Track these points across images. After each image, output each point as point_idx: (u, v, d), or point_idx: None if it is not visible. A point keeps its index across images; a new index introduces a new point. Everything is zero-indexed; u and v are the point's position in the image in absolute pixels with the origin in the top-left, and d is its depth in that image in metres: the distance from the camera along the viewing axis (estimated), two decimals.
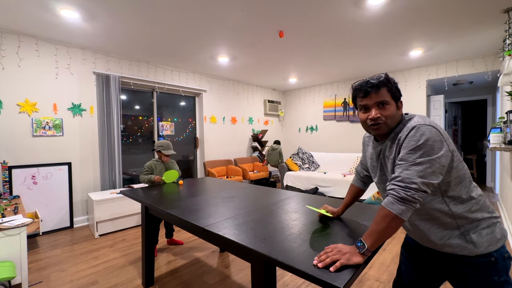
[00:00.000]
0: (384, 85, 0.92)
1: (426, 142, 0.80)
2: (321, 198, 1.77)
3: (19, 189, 3.06)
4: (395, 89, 0.93)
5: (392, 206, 0.80)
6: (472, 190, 0.89)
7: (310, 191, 4.66)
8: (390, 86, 0.92)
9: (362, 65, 4.73)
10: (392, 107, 0.92)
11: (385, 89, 0.92)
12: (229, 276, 2.21)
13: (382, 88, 0.91)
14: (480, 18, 2.86)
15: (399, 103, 0.95)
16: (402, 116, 0.96)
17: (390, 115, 0.91)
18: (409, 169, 0.81)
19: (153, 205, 1.73)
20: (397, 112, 0.93)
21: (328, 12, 2.69)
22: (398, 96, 0.94)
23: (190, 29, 3.06)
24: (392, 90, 0.92)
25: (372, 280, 2.13)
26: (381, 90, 0.91)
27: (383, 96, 0.91)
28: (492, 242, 0.87)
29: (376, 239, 0.83)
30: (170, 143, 2.66)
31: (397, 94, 0.94)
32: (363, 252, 0.84)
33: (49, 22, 2.82)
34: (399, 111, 0.94)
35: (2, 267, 1.72)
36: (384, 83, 0.92)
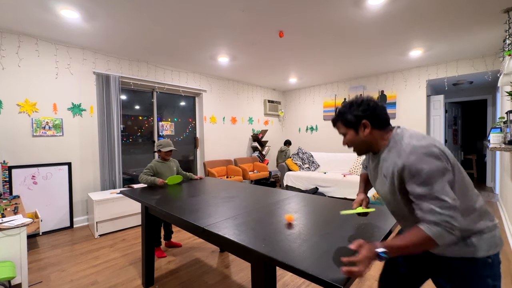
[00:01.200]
0: (337, 121, 1.05)
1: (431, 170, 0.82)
2: (327, 199, 1.77)
3: (19, 189, 3.06)
4: (350, 118, 0.99)
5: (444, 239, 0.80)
6: (476, 201, 0.91)
7: (310, 191, 4.66)
8: (342, 118, 1.02)
9: (362, 65, 4.73)
10: (349, 136, 1.02)
11: (339, 123, 1.04)
12: (229, 276, 2.21)
13: (337, 123, 1.05)
14: (480, 18, 2.86)
15: (360, 126, 0.98)
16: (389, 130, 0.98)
17: (350, 141, 1.02)
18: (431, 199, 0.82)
19: (153, 205, 1.73)
20: (359, 136, 0.99)
21: (328, 12, 2.69)
22: (354, 122, 0.98)
23: (190, 29, 3.06)
24: (345, 121, 1.01)
25: (372, 280, 2.13)
26: (337, 125, 1.05)
27: (339, 128, 1.04)
28: (492, 247, 0.90)
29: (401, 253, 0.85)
30: (169, 141, 2.64)
31: (353, 121, 0.98)
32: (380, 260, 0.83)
33: (49, 22, 2.82)
34: (364, 132, 0.98)
35: (2, 267, 1.72)
36: (336, 120, 1.05)
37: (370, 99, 0.99)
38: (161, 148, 2.57)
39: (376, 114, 0.96)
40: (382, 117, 0.97)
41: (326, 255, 0.93)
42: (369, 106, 0.97)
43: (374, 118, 0.96)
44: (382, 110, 0.98)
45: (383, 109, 0.98)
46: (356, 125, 0.98)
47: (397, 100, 5.17)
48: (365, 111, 0.96)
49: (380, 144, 0.99)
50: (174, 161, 2.73)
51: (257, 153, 6.15)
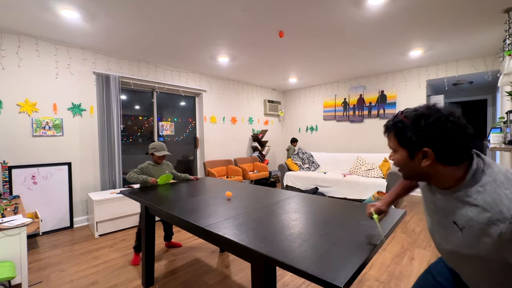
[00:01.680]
0: (389, 131, 0.78)
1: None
2: (327, 199, 1.77)
3: (19, 189, 3.06)
4: (408, 135, 0.71)
5: None
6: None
7: (310, 191, 4.66)
8: (398, 131, 0.74)
9: (362, 65, 4.73)
10: (398, 155, 0.76)
11: (391, 134, 0.77)
12: (229, 276, 2.21)
13: (389, 133, 0.78)
14: (480, 18, 2.86)
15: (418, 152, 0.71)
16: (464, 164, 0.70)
17: (399, 162, 0.77)
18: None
19: (153, 205, 1.73)
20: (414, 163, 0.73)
21: (328, 12, 2.69)
22: (412, 143, 0.71)
23: (190, 29, 3.06)
24: (400, 136, 0.74)
25: (372, 280, 2.13)
26: (389, 134, 0.78)
27: (390, 141, 0.78)
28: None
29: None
30: (163, 144, 2.53)
31: (412, 141, 0.71)
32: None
33: (49, 22, 2.82)
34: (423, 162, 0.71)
35: (2, 267, 1.72)
36: (389, 129, 0.78)
37: (451, 115, 0.68)
38: (155, 151, 2.47)
39: (449, 144, 0.67)
40: (458, 149, 0.67)
41: (326, 255, 0.93)
42: (443, 129, 0.66)
43: (444, 148, 0.67)
44: (462, 139, 0.67)
45: (465, 137, 0.68)
46: (413, 148, 0.71)
47: (397, 100, 5.17)
48: (433, 135, 0.67)
49: (448, 181, 0.71)
50: (167, 164, 2.62)
51: (257, 153, 6.15)
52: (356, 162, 4.90)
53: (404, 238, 2.96)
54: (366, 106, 5.59)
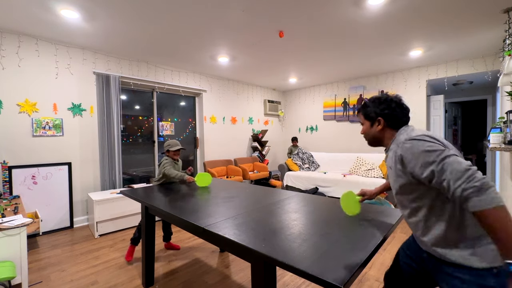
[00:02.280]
0: (359, 111, 1.19)
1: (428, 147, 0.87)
2: (327, 199, 1.77)
3: (19, 189, 3.06)
4: (369, 112, 1.12)
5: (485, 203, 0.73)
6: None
7: (310, 191, 4.66)
8: (364, 111, 1.15)
9: (362, 65, 4.73)
10: (364, 127, 1.16)
11: (361, 113, 1.18)
12: (229, 276, 2.21)
13: (359, 113, 1.20)
14: (480, 18, 2.86)
15: (375, 121, 1.11)
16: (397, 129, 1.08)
17: (364, 131, 1.17)
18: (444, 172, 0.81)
19: (153, 205, 1.73)
20: (372, 129, 1.12)
21: (328, 12, 2.69)
22: (372, 116, 1.11)
23: (190, 29, 3.06)
24: (365, 113, 1.15)
25: (372, 280, 2.13)
26: (359, 114, 1.20)
27: (360, 117, 1.19)
28: (497, 258, 0.85)
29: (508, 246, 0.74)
30: (175, 140, 2.64)
31: (371, 115, 1.11)
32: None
33: (49, 22, 2.82)
34: (377, 127, 1.10)
35: (2, 267, 1.72)
36: (359, 110, 1.19)
37: (394, 100, 1.08)
38: (170, 148, 2.55)
39: (392, 115, 1.07)
40: (397, 119, 1.07)
41: (326, 255, 0.93)
42: (389, 107, 1.08)
43: (389, 118, 1.07)
44: (401, 112, 1.07)
45: (402, 111, 1.07)
46: (372, 119, 1.12)
47: None
48: (383, 110, 1.08)
49: (389, 141, 1.09)
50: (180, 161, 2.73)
51: (257, 153, 6.15)
52: (356, 162, 4.90)
53: (404, 238, 2.96)
54: None
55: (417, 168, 0.88)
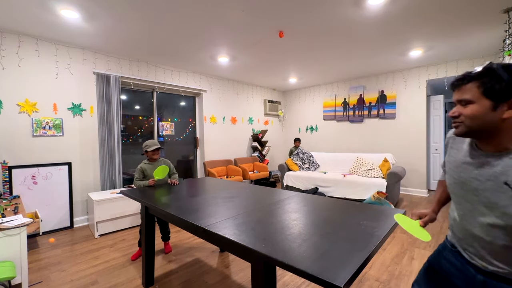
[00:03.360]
0: (471, 80, 0.75)
1: None
2: (327, 199, 1.77)
3: (19, 189, 3.06)
4: (500, 85, 0.70)
5: None
6: None
7: (310, 191, 4.66)
8: (486, 81, 0.72)
9: (362, 65, 4.73)
10: (476, 107, 0.74)
11: (473, 84, 0.75)
12: (229, 276, 2.21)
13: (468, 83, 0.76)
14: (480, 18, 2.86)
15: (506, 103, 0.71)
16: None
17: (473, 114, 0.75)
18: None
19: (153, 205, 1.73)
20: (493, 114, 0.72)
21: (328, 12, 2.69)
22: (502, 93, 0.71)
23: (190, 29, 3.06)
24: (488, 86, 0.72)
25: (372, 280, 2.13)
26: (467, 86, 0.76)
27: (467, 92, 0.76)
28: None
29: None
30: (154, 140, 2.60)
31: (502, 91, 0.70)
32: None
33: (49, 22, 2.82)
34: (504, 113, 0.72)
35: (2, 267, 1.72)
36: (472, 78, 0.75)
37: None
38: (147, 148, 2.53)
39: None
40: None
41: (326, 255, 0.93)
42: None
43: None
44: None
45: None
46: (502, 98, 0.71)
47: (397, 100, 5.17)
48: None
49: (508, 141, 0.74)
50: (164, 161, 2.65)
51: (257, 153, 6.15)
52: (356, 162, 4.90)
53: (404, 238, 2.96)
54: (366, 106, 5.59)
55: None
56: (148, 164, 2.55)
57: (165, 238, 2.74)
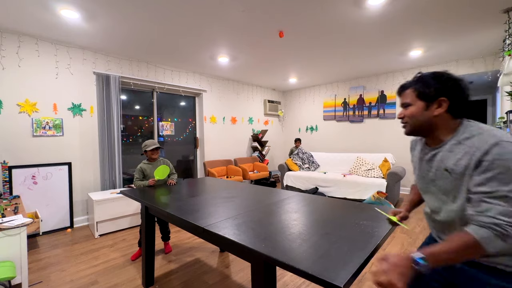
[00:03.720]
0: (408, 87, 0.92)
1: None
2: (327, 199, 1.77)
3: (19, 189, 3.06)
4: (428, 89, 0.85)
5: (490, 243, 0.71)
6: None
7: (310, 191, 4.66)
8: (418, 86, 0.88)
9: (362, 65, 4.73)
10: (413, 108, 0.89)
11: (411, 90, 0.91)
12: (229, 276, 2.21)
13: (407, 89, 0.92)
14: (480, 18, 2.86)
15: (434, 102, 0.85)
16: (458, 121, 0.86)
17: (412, 114, 0.90)
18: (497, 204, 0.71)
19: (153, 205, 1.73)
20: (427, 112, 0.86)
21: (328, 12, 2.69)
22: (431, 95, 0.85)
23: (190, 29, 3.06)
24: (420, 90, 0.87)
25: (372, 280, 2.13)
26: (406, 91, 0.92)
27: (407, 97, 0.92)
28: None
29: (445, 262, 0.75)
30: (153, 140, 2.60)
31: (431, 93, 0.85)
32: (418, 268, 0.73)
33: (49, 22, 2.82)
34: (435, 110, 0.85)
35: (2, 267, 1.72)
36: (409, 85, 0.92)
37: (461, 79, 0.84)
38: (146, 148, 2.55)
39: (460, 97, 0.83)
40: (463, 104, 0.84)
41: (326, 255, 0.93)
42: (458, 86, 0.83)
43: (456, 100, 0.83)
44: (467, 97, 0.84)
45: (468, 97, 0.84)
46: (431, 99, 0.85)
47: (397, 100, 5.17)
48: (451, 89, 0.83)
49: (445, 133, 0.87)
50: (164, 161, 2.65)
51: (257, 153, 6.15)
52: (356, 162, 4.90)
53: (404, 238, 2.96)
54: (366, 106, 5.59)
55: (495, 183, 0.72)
56: (147, 164, 2.57)
57: (165, 238, 2.73)
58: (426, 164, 0.94)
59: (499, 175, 0.72)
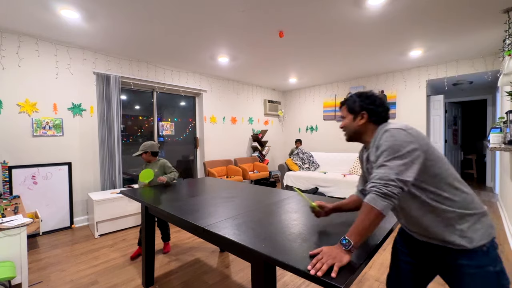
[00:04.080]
0: (343, 104, 1.18)
1: (394, 142, 0.91)
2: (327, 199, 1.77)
3: (19, 189, 3.06)
4: (354, 105, 1.12)
5: (376, 202, 0.86)
6: (458, 187, 0.95)
7: (310, 191, 4.66)
8: (349, 103, 1.14)
9: (362, 65, 4.73)
10: (347, 120, 1.15)
11: (344, 106, 1.16)
12: (229, 276, 2.21)
13: (343, 106, 1.18)
14: (480, 18, 2.86)
15: (359, 115, 1.10)
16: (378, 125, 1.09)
17: (346, 124, 1.15)
18: (384, 168, 0.89)
19: (153, 205, 1.73)
20: (355, 123, 1.12)
21: (328, 12, 2.69)
22: (356, 110, 1.11)
23: (190, 29, 3.06)
24: (349, 106, 1.13)
25: (372, 280, 2.13)
26: (342, 107, 1.18)
27: (343, 111, 1.18)
28: (484, 236, 0.92)
29: (361, 235, 0.87)
30: (144, 143, 2.61)
31: (356, 109, 1.11)
32: (349, 249, 0.86)
33: (49, 22, 2.82)
34: (359, 121, 1.10)
35: (2, 267, 1.72)
36: (343, 102, 1.18)
37: (378, 97, 1.11)
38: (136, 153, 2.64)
39: (377, 111, 1.08)
40: (381, 115, 1.08)
41: None
42: (374, 103, 1.09)
43: (373, 113, 1.08)
44: (384, 110, 1.09)
45: (385, 109, 1.09)
46: (356, 113, 1.11)
47: (397, 100, 5.17)
48: (369, 105, 1.09)
49: (369, 136, 1.10)
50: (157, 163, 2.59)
51: (257, 153, 6.15)
52: (356, 162, 4.90)
53: None
54: None
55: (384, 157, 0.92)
56: (145, 166, 2.63)
57: (166, 238, 2.73)
58: (365, 162, 1.15)
59: (384, 152, 0.92)
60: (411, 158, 0.88)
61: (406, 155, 0.88)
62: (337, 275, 0.80)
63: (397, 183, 0.86)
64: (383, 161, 0.91)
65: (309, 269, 0.82)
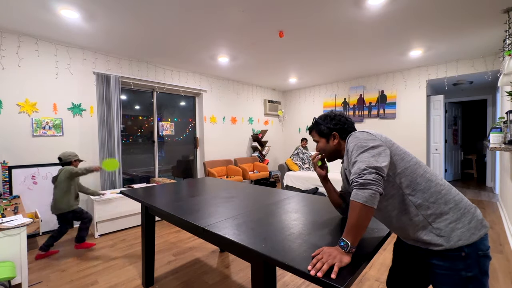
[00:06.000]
0: (312, 129, 1.23)
1: (359, 141, 0.98)
2: (327, 199, 1.77)
3: (19, 189, 3.06)
4: (323, 129, 1.17)
5: (357, 196, 0.87)
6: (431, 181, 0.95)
7: (310, 191, 4.66)
8: (317, 128, 1.19)
9: (362, 65, 4.73)
10: (321, 143, 1.20)
11: (314, 132, 1.22)
12: (229, 276, 2.21)
13: (312, 131, 1.23)
14: (480, 18, 2.86)
15: (330, 137, 1.17)
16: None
17: (322, 148, 1.20)
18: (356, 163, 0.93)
19: (153, 205, 1.73)
20: (329, 144, 1.17)
21: (328, 12, 2.69)
22: (326, 132, 1.17)
23: (190, 29, 3.06)
24: (319, 131, 1.19)
25: (372, 280, 2.13)
26: (312, 132, 1.23)
27: (314, 136, 1.22)
28: (463, 237, 0.89)
29: (355, 233, 0.87)
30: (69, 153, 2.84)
31: (326, 132, 1.17)
32: (348, 250, 0.86)
33: (49, 22, 2.82)
34: (334, 142, 1.16)
35: (2, 267, 1.72)
36: (312, 128, 1.23)
37: (341, 115, 1.19)
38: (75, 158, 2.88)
39: (344, 128, 1.16)
40: (348, 130, 1.16)
41: None
42: (340, 121, 1.16)
43: (342, 131, 1.16)
44: (350, 125, 1.17)
45: (351, 124, 1.18)
46: (327, 135, 1.17)
47: (397, 100, 5.17)
48: (336, 125, 1.16)
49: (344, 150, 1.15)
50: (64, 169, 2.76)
51: (257, 153, 6.15)
52: None
53: None
54: (366, 106, 5.59)
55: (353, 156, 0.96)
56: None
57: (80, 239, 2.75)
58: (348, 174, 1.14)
59: (353, 151, 0.97)
60: (377, 150, 0.93)
61: (371, 148, 0.93)
62: (337, 275, 0.79)
63: (370, 170, 0.88)
64: (353, 160, 0.95)
65: (309, 269, 0.82)
